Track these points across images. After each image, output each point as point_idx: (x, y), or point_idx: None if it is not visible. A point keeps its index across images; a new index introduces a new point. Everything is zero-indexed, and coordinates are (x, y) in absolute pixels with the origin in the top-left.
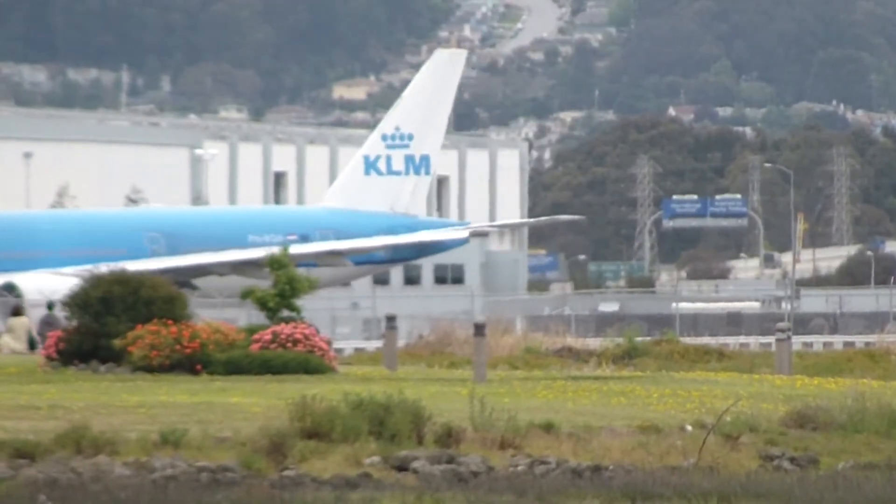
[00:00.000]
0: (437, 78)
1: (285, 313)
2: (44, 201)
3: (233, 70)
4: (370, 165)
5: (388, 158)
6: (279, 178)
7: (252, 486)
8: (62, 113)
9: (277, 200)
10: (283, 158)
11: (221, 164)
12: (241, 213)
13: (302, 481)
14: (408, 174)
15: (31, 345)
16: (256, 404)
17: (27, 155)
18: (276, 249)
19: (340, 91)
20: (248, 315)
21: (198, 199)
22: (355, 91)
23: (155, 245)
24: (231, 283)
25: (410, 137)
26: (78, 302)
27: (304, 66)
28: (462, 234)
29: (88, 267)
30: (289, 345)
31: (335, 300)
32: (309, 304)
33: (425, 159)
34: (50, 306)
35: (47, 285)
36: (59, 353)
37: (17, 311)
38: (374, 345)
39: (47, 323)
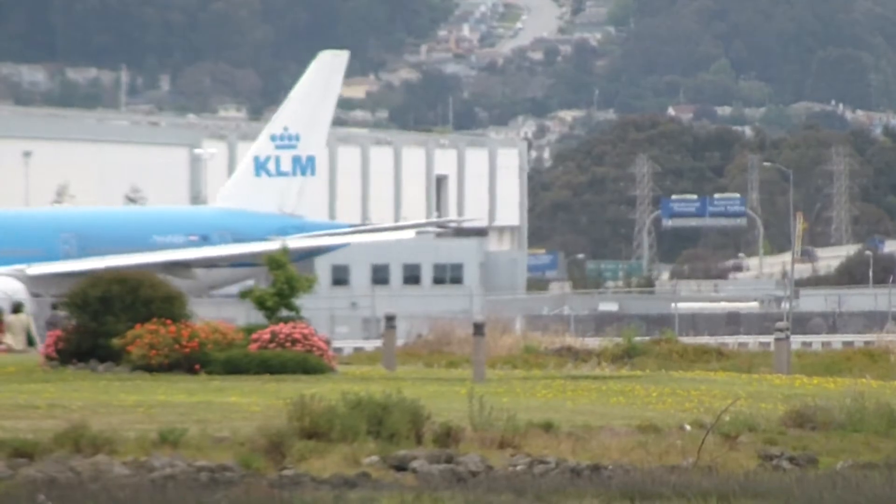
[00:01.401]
0: (322, 79)
1: (284, 313)
2: (43, 200)
3: (232, 69)
4: (260, 166)
5: (277, 159)
6: None
7: (251, 485)
8: (61, 112)
9: None
10: None
11: (220, 164)
12: (144, 213)
13: (301, 481)
14: (295, 174)
15: (30, 342)
16: (255, 404)
17: (26, 154)
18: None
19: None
20: (246, 314)
21: (197, 198)
22: (354, 90)
23: (67, 245)
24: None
25: (298, 138)
26: (77, 301)
27: (302, 65)
28: (409, 234)
29: (20, 266)
30: (287, 344)
31: (334, 300)
32: (308, 304)
33: (311, 160)
34: (55, 306)
35: None
36: (58, 353)
37: (16, 309)
38: (372, 344)
39: (52, 323)
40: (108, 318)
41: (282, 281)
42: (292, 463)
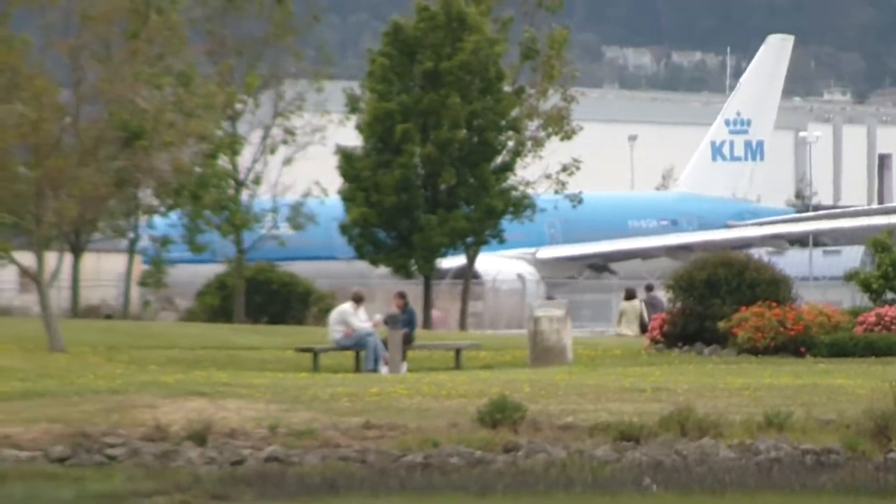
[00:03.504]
0: (770, 64)
1: (889, 295)
2: (648, 184)
3: (836, 52)
4: (716, 151)
5: (731, 144)
6: (883, 161)
7: (856, 468)
8: (666, 96)
9: (881, 182)
10: (887, 140)
11: (825, 147)
12: (618, 199)
13: None
14: (747, 160)
15: (643, 328)
16: (861, 386)
17: (632, 138)
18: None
19: None
20: (852, 297)
21: (801, 181)
22: None
23: (552, 230)
24: (658, 267)
25: (749, 123)
26: (682, 284)
27: None
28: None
29: (530, 250)
30: (893, 327)
31: None
32: None
33: (760, 144)
34: (649, 288)
35: (495, 267)
36: (664, 336)
37: (629, 295)
38: None
39: (650, 304)
40: (713, 302)
41: (887, 264)
42: None
